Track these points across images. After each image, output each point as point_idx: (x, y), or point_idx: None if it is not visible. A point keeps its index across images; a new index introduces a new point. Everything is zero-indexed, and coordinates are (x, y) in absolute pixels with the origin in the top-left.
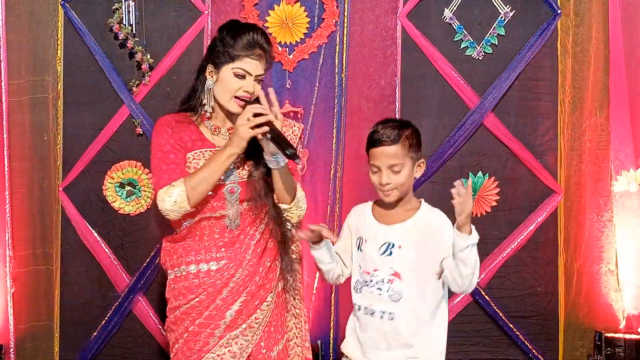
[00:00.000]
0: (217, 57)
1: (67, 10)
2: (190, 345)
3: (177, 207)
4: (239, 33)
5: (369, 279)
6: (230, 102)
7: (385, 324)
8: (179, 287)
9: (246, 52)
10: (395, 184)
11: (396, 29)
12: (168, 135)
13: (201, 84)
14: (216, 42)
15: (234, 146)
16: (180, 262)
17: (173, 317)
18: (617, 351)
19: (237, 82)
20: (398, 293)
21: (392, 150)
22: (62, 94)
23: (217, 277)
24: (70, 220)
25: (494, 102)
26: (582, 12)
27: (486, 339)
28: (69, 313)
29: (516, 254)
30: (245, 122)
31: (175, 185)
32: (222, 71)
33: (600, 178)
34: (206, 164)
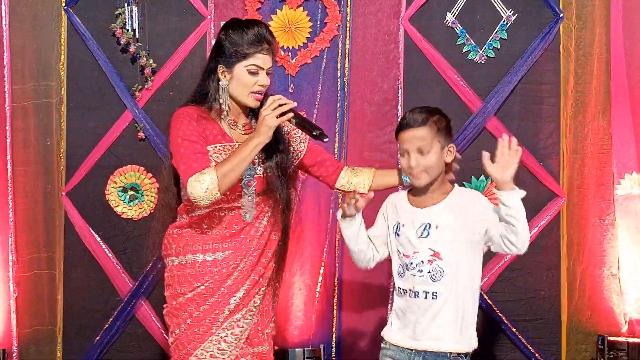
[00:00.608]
0: (228, 57)
1: (70, 15)
2: (193, 329)
3: (209, 193)
4: (245, 30)
5: (409, 262)
6: (249, 98)
7: (430, 304)
8: (185, 275)
9: (256, 48)
10: (423, 166)
11: (398, 33)
12: (193, 126)
13: (214, 84)
14: (223, 42)
15: (262, 135)
16: (187, 250)
17: (176, 303)
18: (620, 355)
19: (252, 78)
20: (439, 272)
21: (419, 132)
22: (65, 99)
23: (223, 266)
24: (73, 225)
25: (496, 106)
26: (584, 16)
27: (489, 343)
28: (71, 317)
29: (519, 257)
30: (271, 112)
31: (206, 172)
32: (236, 70)
33: (603, 182)
34: (235, 154)
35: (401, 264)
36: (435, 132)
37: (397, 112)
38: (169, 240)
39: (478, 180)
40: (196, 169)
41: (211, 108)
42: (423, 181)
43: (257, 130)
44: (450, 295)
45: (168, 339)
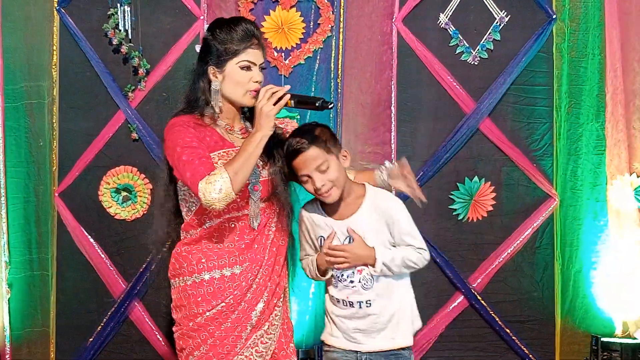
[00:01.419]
0: (218, 56)
1: (62, 15)
2: (216, 350)
3: (224, 194)
4: (232, 27)
5: (339, 274)
6: (245, 96)
7: (365, 311)
8: (202, 293)
9: (246, 44)
10: (329, 183)
11: (392, 34)
12: (192, 133)
13: (205, 87)
14: (210, 42)
15: (264, 127)
16: (202, 268)
17: (193, 324)
18: (614, 356)
19: (246, 74)
20: (369, 280)
21: (311, 153)
22: (57, 99)
23: (242, 280)
24: (66, 226)
25: (489, 107)
26: (577, 17)
27: (483, 344)
28: (64, 319)
29: (512, 258)
30: (266, 102)
31: (217, 173)
32: (227, 68)
33: (596, 183)
34: (241, 151)
35: (333, 274)
36: (325, 146)
37: (391, 112)
38: (178, 259)
39: (472, 181)
40: (204, 172)
41: (203, 114)
42: (336, 196)
43: (257, 124)
44: (384, 298)
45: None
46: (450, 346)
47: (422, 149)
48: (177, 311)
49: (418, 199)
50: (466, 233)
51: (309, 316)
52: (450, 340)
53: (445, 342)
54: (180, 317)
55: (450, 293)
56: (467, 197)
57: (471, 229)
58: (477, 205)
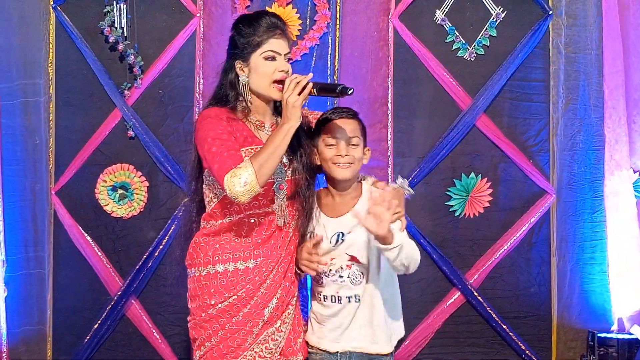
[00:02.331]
0: (242, 50)
1: (58, 13)
2: (227, 342)
3: (249, 187)
4: (254, 20)
5: (327, 270)
6: (271, 88)
7: (353, 307)
8: (216, 285)
9: (268, 34)
10: (352, 159)
11: (388, 30)
12: (223, 125)
13: (234, 81)
14: (235, 37)
15: (291, 119)
16: (217, 260)
17: (205, 315)
18: (610, 351)
19: (271, 65)
20: (359, 275)
21: (350, 124)
22: (54, 97)
23: (256, 274)
24: (62, 224)
25: (486, 103)
26: (574, 13)
27: (480, 340)
28: (61, 317)
29: (509, 254)
30: (291, 92)
31: (242, 166)
32: (252, 61)
33: (593, 178)
34: (268, 143)
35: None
36: (361, 129)
37: (387, 109)
38: (195, 249)
39: (468, 177)
40: (231, 164)
41: (235, 108)
42: (348, 173)
43: (284, 116)
44: (372, 296)
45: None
46: (446, 342)
47: (418, 145)
48: (191, 301)
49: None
50: (463, 229)
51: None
52: (446, 336)
53: (441, 339)
54: (195, 307)
55: (447, 289)
56: (464, 193)
57: (468, 225)
58: (474, 201)
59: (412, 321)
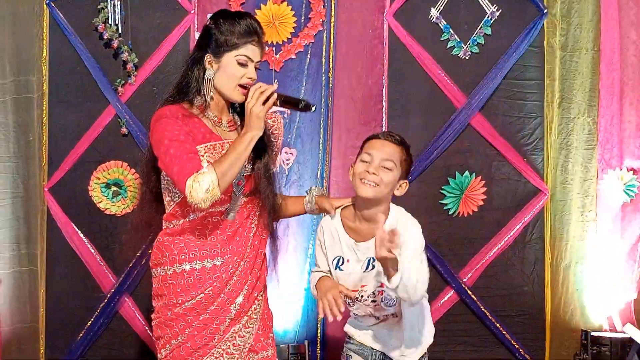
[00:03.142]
0: (217, 46)
1: (52, 9)
2: (194, 340)
3: (210, 195)
4: (236, 20)
5: (359, 295)
6: (235, 91)
7: (387, 324)
8: (182, 284)
9: (247, 39)
10: (380, 181)
11: (383, 28)
12: (179, 126)
13: (199, 74)
14: (212, 31)
15: (255, 128)
16: (183, 259)
17: (172, 313)
18: (603, 350)
19: (240, 69)
20: (391, 299)
21: (392, 147)
22: (47, 94)
23: (222, 271)
24: (55, 221)
25: (481, 101)
26: (569, 12)
27: (473, 339)
28: (54, 314)
29: (503, 253)
30: (255, 102)
31: (205, 172)
32: (224, 60)
33: (587, 177)
34: (230, 151)
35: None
36: (402, 159)
37: (382, 107)
38: (160, 249)
39: (462, 176)
40: (192, 169)
41: (192, 103)
42: (370, 193)
43: (247, 125)
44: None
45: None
46: (440, 341)
47: (413, 143)
48: (157, 299)
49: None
50: (457, 228)
51: (301, 313)
52: (440, 335)
53: (435, 337)
54: (160, 305)
55: (441, 288)
56: (458, 191)
57: (462, 223)
58: (468, 199)
59: None
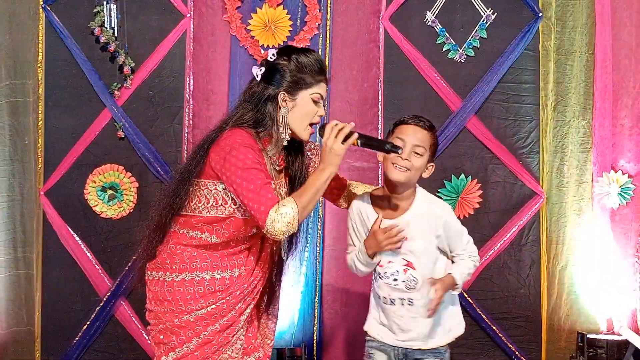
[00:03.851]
0: (294, 83)
1: (48, 13)
2: (203, 349)
3: (290, 228)
4: (309, 58)
5: (382, 272)
6: (306, 130)
7: (405, 310)
8: (192, 292)
9: (320, 77)
10: (411, 166)
11: (379, 31)
12: (256, 153)
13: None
14: (285, 68)
15: (333, 165)
16: (194, 268)
17: (178, 321)
18: (600, 352)
19: (314, 107)
20: (413, 281)
21: (423, 133)
22: (43, 97)
23: (237, 288)
24: (51, 225)
25: (476, 105)
26: (564, 16)
27: (469, 341)
28: (50, 318)
29: (499, 256)
30: (334, 140)
31: (287, 205)
32: (299, 98)
33: (582, 180)
34: (310, 186)
35: (375, 271)
36: (432, 143)
37: (378, 110)
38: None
39: (458, 179)
40: (272, 200)
41: (259, 136)
42: (401, 177)
43: (326, 161)
44: (425, 300)
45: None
46: None
47: None
48: (157, 304)
49: None
50: None
51: (297, 316)
52: None
53: None
54: (163, 311)
55: None
56: (454, 194)
57: None
58: (464, 202)
59: None
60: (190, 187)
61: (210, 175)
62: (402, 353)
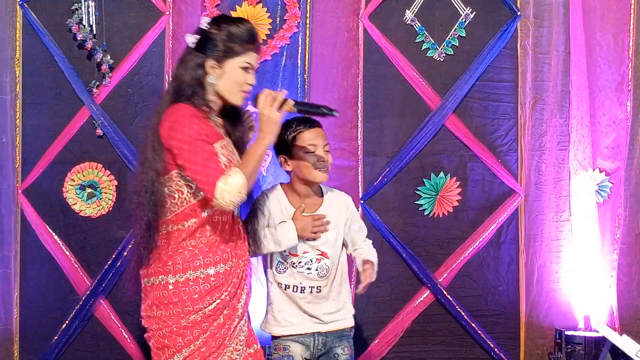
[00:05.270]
0: (223, 51)
1: (25, 10)
2: (209, 344)
3: (240, 198)
4: (240, 26)
5: (297, 261)
6: (238, 96)
7: (314, 297)
8: (199, 291)
9: (250, 46)
10: (329, 164)
11: (358, 30)
12: (198, 125)
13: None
14: (215, 36)
15: (271, 133)
16: (199, 265)
17: (186, 322)
18: (577, 349)
19: (244, 75)
20: (325, 269)
21: (322, 131)
22: (20, 95)
23: (234, 275)
24: (29, 223)
25: (455, 103)
26: (541, 14)
27: (449, 338)
28: (28, 317)
29: (478, 253)
30: (269, 108)
31: (233, 175)
32: (227, 66)
33: (560, 178)
34: (251, 155)
35: (281, 261)
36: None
37: (357, 109)
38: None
39: (437, 177)
40: (220, 171)
41: (195, 105)
42: (326, 177)
43: (264, 130)
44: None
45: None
46: (416, 341)
47: (388, 145)
48: (160, 308)
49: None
50: (432, 228)
51: None
52: (416, 334)
53: (411, 337)
54: (167, 315)
55: (417, 288)
56: (433, 192)
57: (437, 224)
58: (443, 200)
59: (381, 320)
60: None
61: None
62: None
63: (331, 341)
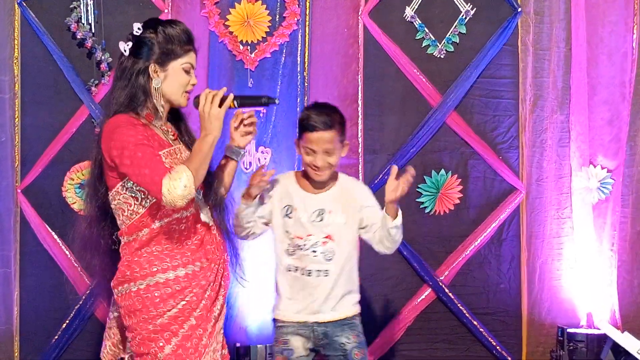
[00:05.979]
0: (164, 54)
1: (23, 9)
2: (185, 346)
3: (187, 192)
4: (175, 28)
5: (302, 243)
6: (183, 97)
7: (321, 281)
8: (159, 295)
9: (188, 47)
10: (328, 165)
11: (358, 27)
12: (138, 131)
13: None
14: (153, 40)
15: (215, 129)
16: (155, 271)
17: (153, 327)
18: (579, 346)
19: (186, 76)
20: (331, 252)
21: (328, 135)
22: (19, 94)
23: (202, 278)
24: (29, 222)
25: (456, 100)
26: (542, 11)
27: (450, 336)
28: (28, 317)
29: (479, 251)
30: (210, 105)
31: (179, 171)
32: (170, 68)
33: (561, 175)
34: (196, 152)
35: (291, 244)
36: (339, 133)
37: (357, 106)
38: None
39: (438, 174)
40: (164, 169)
41: (139, 114)
42: (324, 177)
43: (207, 128)
44: (339, 271)
45: None
46: (418, 339)
47: (389, 142)
48: (131, 317)
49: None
50: (433, 226)
51: None
52: (418, 332)
53: (413, 335)
54: (136, 321)
55: (418, 286)
56: (434, 190)
57: (438, 221)
58: (444, 198)
59: (383, 317)
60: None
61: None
62: (321, 333)
63: (332, 331)
